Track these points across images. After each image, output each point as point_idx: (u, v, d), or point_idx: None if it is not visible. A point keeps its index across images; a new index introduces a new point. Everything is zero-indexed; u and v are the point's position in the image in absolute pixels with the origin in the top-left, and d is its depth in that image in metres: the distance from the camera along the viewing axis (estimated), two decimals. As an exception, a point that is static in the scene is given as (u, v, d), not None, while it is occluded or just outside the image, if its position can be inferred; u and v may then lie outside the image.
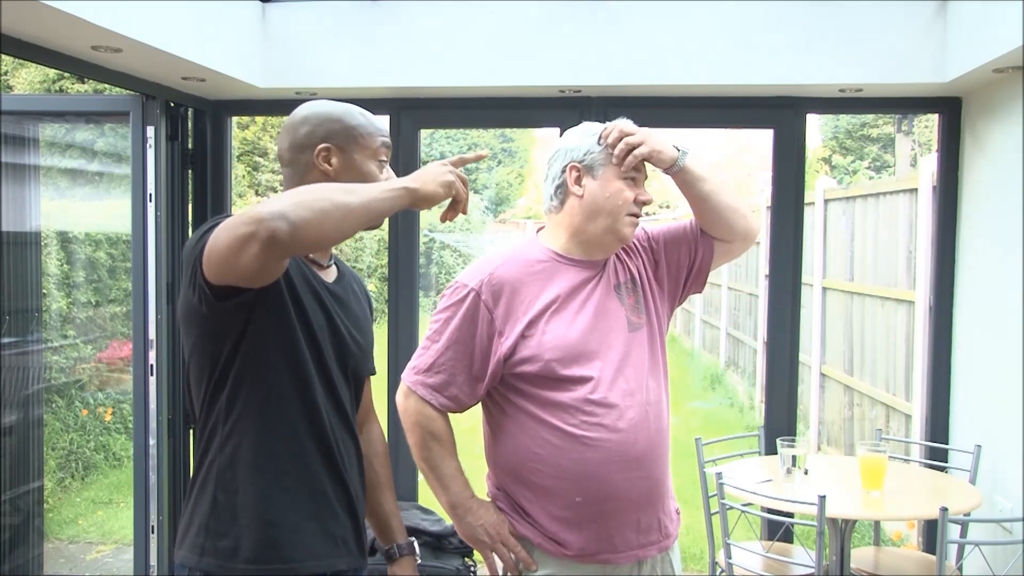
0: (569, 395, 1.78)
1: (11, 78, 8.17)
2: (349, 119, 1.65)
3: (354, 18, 3.42)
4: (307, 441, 1.57)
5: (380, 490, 1.84)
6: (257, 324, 1.50)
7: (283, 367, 1.54)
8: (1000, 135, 3.11)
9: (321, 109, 1.66)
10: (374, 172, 1.65)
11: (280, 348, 1.54)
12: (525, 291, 1.83)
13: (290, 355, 1.55)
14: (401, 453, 3.69)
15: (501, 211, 15.53)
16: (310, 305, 1.58)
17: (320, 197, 1.38)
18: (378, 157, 1.66)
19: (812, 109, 3.58)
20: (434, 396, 1.84)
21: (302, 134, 1.63)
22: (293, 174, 1.64)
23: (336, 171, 1.62)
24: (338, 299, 1.68)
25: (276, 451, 1.54)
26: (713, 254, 1.98)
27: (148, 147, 3.29)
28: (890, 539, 4.41)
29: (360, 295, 1.79)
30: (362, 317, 1.76)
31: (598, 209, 1.84)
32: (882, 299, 5.39)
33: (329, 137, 1.63)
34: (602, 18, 3.30)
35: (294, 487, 1.56)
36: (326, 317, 1.62)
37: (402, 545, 1.83)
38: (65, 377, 5.62)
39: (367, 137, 1.66)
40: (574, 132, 1.91)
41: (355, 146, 1.64)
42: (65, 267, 5.78)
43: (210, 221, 1.50)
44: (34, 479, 3.60)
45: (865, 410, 5.59)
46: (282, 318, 1.53)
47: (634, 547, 1.82)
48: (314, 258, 1.66)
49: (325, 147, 1.62)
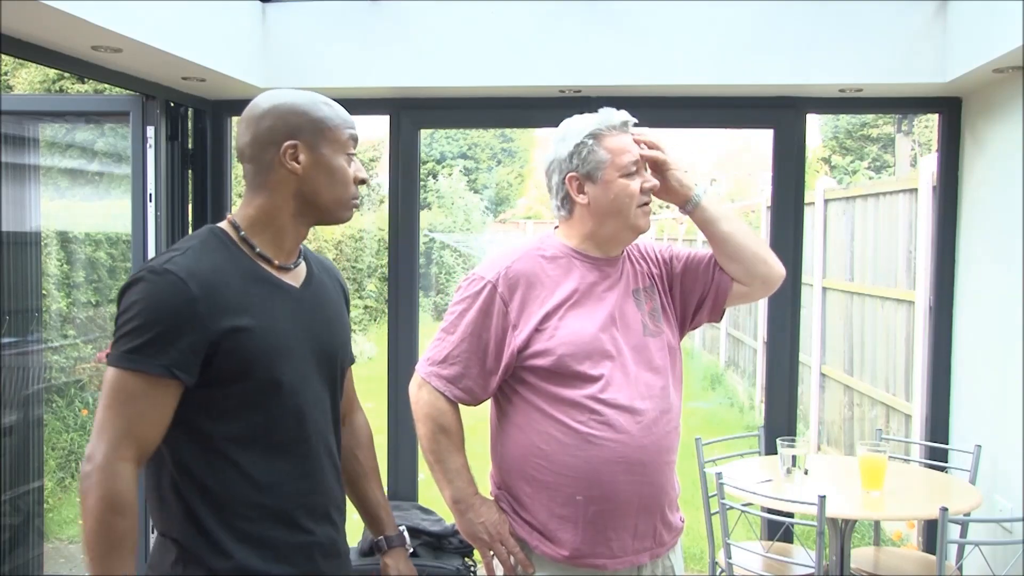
0: (579, 392, 1.78)
1: (11, 78, 8.17)
2: (315, 111, 1.54)
3: (354, 18, 3.42)
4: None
5: (366, 480, 1.79)
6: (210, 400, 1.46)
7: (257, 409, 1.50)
8: (1000, 135, 3.11)
9: (284, 100, 1.54)
10: (343, 168, 1.55)
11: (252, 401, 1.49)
12: (541, 285, 1.83)
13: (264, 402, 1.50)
14: (402, 453, 3.69)
15: (501, 211, 15.53)
16: (275, 345, 1.49)
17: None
18: (347, 150, 1.56)
19: (812, 109, 3.58)
20: (448, 388, 1.84)
21: (264, 128, 1.52)
22: (256, 171, 1.54)
23: (304, 168, 1.52)
24: (307, 306, 1.59)
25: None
26: (729, 293, 1.94)
27: (148, 147, 3.29)
28: (890, 539, 4.41)
29: (332, 287, 1.71)
30: (335, 315, 1.68)
31: (607, 212, 1.84)
32: (882, 299, 5.39)
33: (295, 132, 1.51)
34: (602, 18, 3.30)
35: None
36: (298, 333, 1.54)
37: (391, 537, 1.78)
38: (65, 377, 5.62)
39: (335, 129, 1.55)
40: (556, 140, 1.88)
41: (323, 140, 1.53)
42: (65, 267, 5.78)
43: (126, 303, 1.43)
44: (34, 479, 3.59)
45: (865, 410, 5.58)
46: (240, 386, 1.47)
47: (629, 553, 1.82)
48: (281, 263, 1.57)
49: (292, 144, 1.51)
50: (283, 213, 1.55)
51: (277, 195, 1.54)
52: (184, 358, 1.41)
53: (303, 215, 1.56)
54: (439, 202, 13.40)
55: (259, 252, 1.54)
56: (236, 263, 1.51)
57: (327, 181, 1.54)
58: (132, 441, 1.39)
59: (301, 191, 1.53)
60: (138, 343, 1.39)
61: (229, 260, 1.50)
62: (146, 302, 1.41)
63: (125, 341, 1.41)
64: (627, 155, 1.83)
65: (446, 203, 13.30)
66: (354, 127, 1.59)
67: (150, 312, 1.40)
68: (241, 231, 1.54)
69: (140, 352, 1.39)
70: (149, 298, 1.41)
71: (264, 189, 1.54)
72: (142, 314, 1.40)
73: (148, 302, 1.41)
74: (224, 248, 1.52)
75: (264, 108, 1.54)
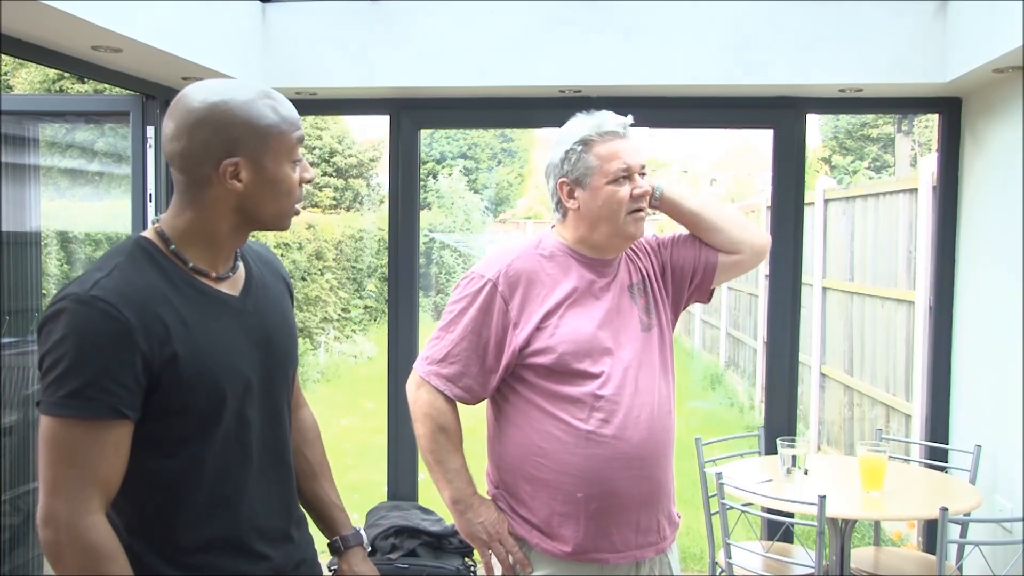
0: (579, 389, 1.78)
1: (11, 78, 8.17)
2: (258, 118, 1.35)
3: (354, 18, 3.42)
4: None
5: (315, 480, 1.63)
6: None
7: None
8: (1000, 135, 3.11)
9: (220, 107, 1.33)
10: (289, 177, 1.39)
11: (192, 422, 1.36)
12: (541, 284, 1.84)
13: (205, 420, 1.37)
14: (401, 453, 3.69)
15: (501, 211, 15.53)
16: (220, 368, 1.36)
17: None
18: (292, 157, 1.39)
19: (812, 109, 3.58)
20: (448, 387, 1.84)
21: (198, 142, 1.33)
22: (188, 184, 1.36)
23: (246, 186, 1.35)
24: (249, 318, 1.44)
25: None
26: (717, 266, 1.98)
27: (148, 147, 3.29)
28: (890, 539, 4.41)
29: (274, 285, 1.55)
30: (281, 320, 1.53)
31: (596, 218, 1.85)
32: (882, 299, 5.38)
33: (235, 148, 1.33)
34: (602, 18, 3.30)
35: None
36: (242, 348, 1.42)
37: (347, 536, 1.63)
38: (65, 377, 5.61)
39: (280, 136, 1.37)
40: (554, 143, 1.91)
41: (266, 152, 1.35)
42: (65, 267, 5.77)
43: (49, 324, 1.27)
44: (34, 479, 3.59)
45: (865, 410, 5.58)
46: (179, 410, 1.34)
47: (632, 547, 1.82)
48: (218, 274, 1.41)
49: (232, 163, 1.33)
50: (219, 228, 1.39)
51: (214, 211, 1.37)
52: (129, 394, 1.27)
53: (242, 228, 1.42)
54: (439, 202, 13.40)
55: (193, 267, 1.38)
56: (169, 280, 1.35)
57: (271, 195, 1.38)
58: (94, 490, 1.26)
59: (242, 207, 1.38)
60: (76, 386, 1.23)
61: (161, 278, 1.34)
62: (76, 337, 1.24)
63: (59, 385, 1.24)
64: (616, 162, 1.83)
65: (446, 203, 13.30)
66: (300, 126, 1.42)
67: (82, 348, 1.24)
68: (172, 244, 1.37)
69: (80, 396, 1.23)
70: (79, 332, 1.24)
71: (197, 203, 1.37)
72: (73, 351, 1.23)
73: (78, 337, 1.24)
74: (154, 264, 1.35)
75: (198, 116, 1.33)
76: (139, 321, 1.27)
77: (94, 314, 1.25)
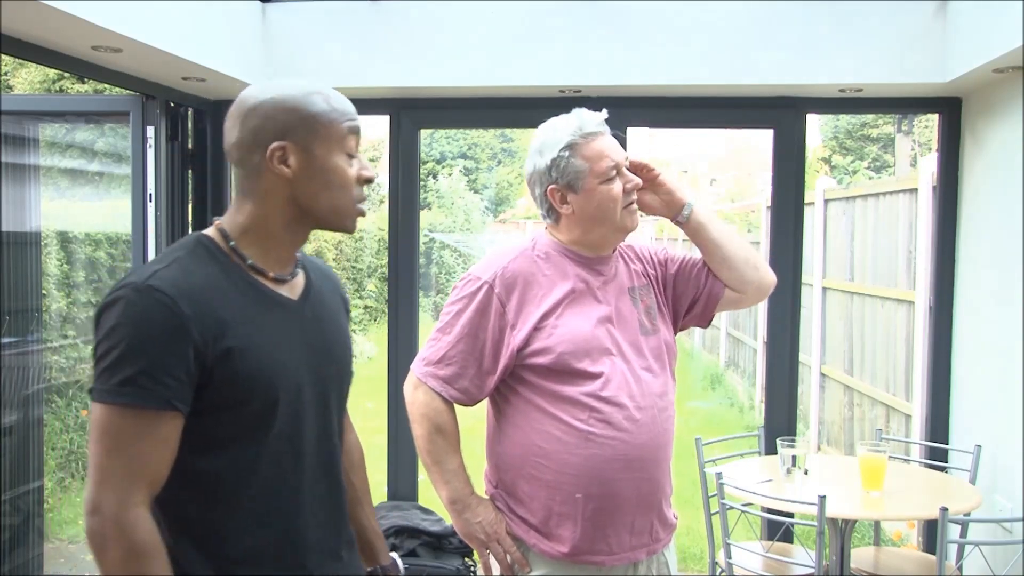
0: (578, 389, 1.78)
1: (11, 78, 8.17)
2: (307, 106, 1.36)
3: (354, 18, 3.42)
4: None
5: (359, 505, 1.62)
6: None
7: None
8: (1000, 135, 3.11)
9: (271, 95, 1.36)
10: (341, 168, 1.39)
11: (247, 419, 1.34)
12: (538, 285, 1.84)
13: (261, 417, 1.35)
14: (401, 452, 3.69)
15: (501, 211, 15.52)
16: (273, 368, 1.35)
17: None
18: (345, 147, 1.39)
19: (812, 109, 3.59)
20: (444, 388, 1.84)
21: (250, 129, 1.35)
22: (244, 176, 1.38)
23: (296, 172, 1.36)
24: (306, 323, 1.44)
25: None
26: (720, 299, 1.97)
27: (148, 147, 3.29)
28: (890, 539, 4.41)
29: (332, 298, 1.55)
30: (336, 330, 1.52)
31: (592, 219, 1.85)
32: (882, 299, 5.39)
33: (284, 133, 1.35)
34: (602, 18, 3.30)
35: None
36: (297, 352, 1.40)
37: (387, 567, 1.63)
38: (65, 377, 5.61)
39: (329, 126, 1.37)
40: (534, 151, 1.89)
41: (315, 138, 1.36)
42: (65, 267, 5.78)
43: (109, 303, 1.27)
44: (34, 479, 3.59)
45: (865, 410, 5.58)
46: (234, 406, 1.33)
47: (627, 549, 1.82)
48: (276, 275, 1.41)
49: (279, 146, 1.34)
50: (276, 222, 1.39)
51: (268, 202, 1.37)
52: (181, 387, 1.25)
53: (299, 223, 1.41)
54: (439, 202, 13.39)
55: (251, 264, 1.38)
56: (227, 276, 1.35)
57: (322, 185, 1.37)
58: (142, 484, 1.25)
59: (294, 197, 1.37)
60: (129, 374, 1.23)
61: (220, 273, 1.34)
62: (131, 326, 1.24)
63: (112, 372, 1.23)
64: (605, 160, 1.83)
65: (446, 203, 13.30)
66: (355, 119, 1.41)
67: (137, 337, 1.24)
68: (231, 240, 1.38)
69: (132, 384, 1.23)
70: (134, 321, 1.24)
71: (254, 195, 1.38)
72: (128, 340, 1.23)
73: (133, 325, 1.24)
74: (213, 259, 1.35)
75: (251, 104, 1.37)
76: (194, 314, 1.27)
77: (150, 304, 1.25)
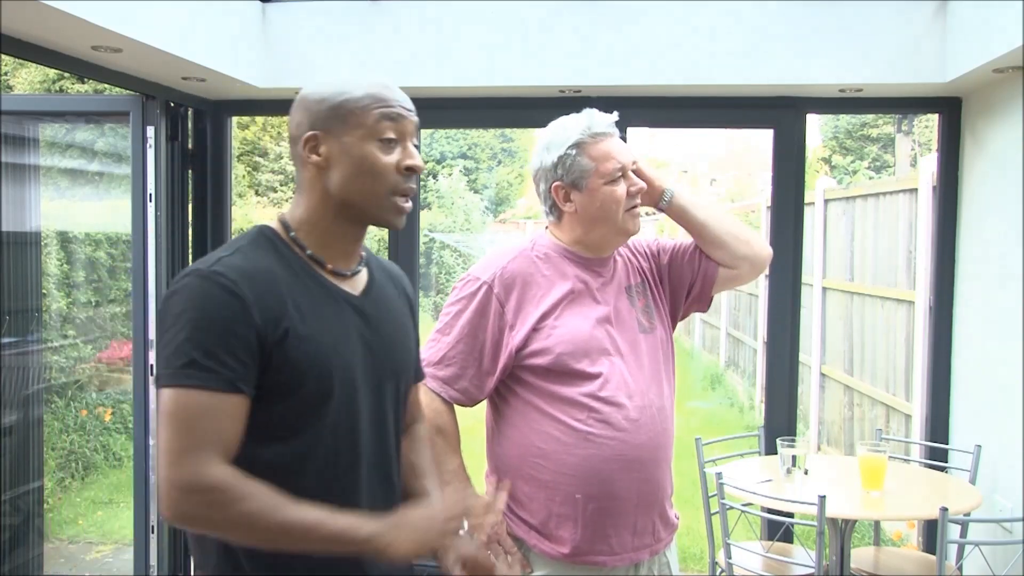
0: (577, 390, 1.79)
1: (11, 78, 8.18)
2: (338, 96, 1.36)
3: (354, 18, 3.42)
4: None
5: (424, 478, 1.58)
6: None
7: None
8: (1000, 135, 3.11)
9: (315, 88, 1.39)
10: (374, 156, 1.36)
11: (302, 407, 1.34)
12: (536, 285, 1.84)
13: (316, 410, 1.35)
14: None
15: (501, 211, 15.52)
16: (329, 357, 1.35)
17: (255, 526, 1.22)
18: (379, 134, 1.36)
19: (812, 109, 3.58)
20: (444, 389, 1.84)
21: (295, 123, 1.40)
22: (297, 169, 1.43)
23: (327, 160, 1.36)
24: (366, 318, 1.43)
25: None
26: (716, 278, 1.98)
27: (148, 147, 3.29)
28: (890, 539, 4.41)
29: (396, 297, 1.55)
30: (398, 328, 1.51)
31: (594, 219, 1.86)
32: (882, 299, 5.39)
33: (316, 123, 1.36)
34: (602, 18, 3.30)
35: None
36: (354, 346, 1.39)
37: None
38: (65, 377, 5.62)
39: (358, 113, 1.35)
40: (541, 148, 1.90)
41: (345, 126, 1.35)
42: (65, 267, 5.78)
43: (177, 285, 1.30)
44: (34, 479, 3.60)
45: (865, 410, 5.58)
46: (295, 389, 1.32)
47: (629, 550, 1.82)
48: (335, 268, 1.42)
49: (311, 135, 1.36)
50: (324, 214, 1.40)
51: (312, 194, 1.39)
52: (245, 369, 1.26)
53: (344, 215, 1.40)
54: (439, 202, 13.39)
55: (311, 255, 1.39)
56: (287, 266, 1.36)
57: (354, 174, 1.36)
58: (217, 451, 1.24)
59: (333, 190, 1.38)
60: (194, 357, 1.24)
61: (280, 263, 1.36)
62: (195, 310, 1.26)
63: (178, 356, 1.25)
64: (611, 162, 1.83)
65: (446, 203, 13.30)
66: (391, 105, 1.38)
67: (201, 321, 1.25)
68: (292, 231, 1.40)
69: (198, 367, 1.24)
70: (198, 305, 1.26)
71: (302, 187, 1.41)
72: (192, 323, 1.25)
73: (198, 310, 1.26)
74: (274, 249, 1.37)
75: (297, 100, 1.40)
76: (256, 297, 1.28)
77: (214, 288, 1.27)
